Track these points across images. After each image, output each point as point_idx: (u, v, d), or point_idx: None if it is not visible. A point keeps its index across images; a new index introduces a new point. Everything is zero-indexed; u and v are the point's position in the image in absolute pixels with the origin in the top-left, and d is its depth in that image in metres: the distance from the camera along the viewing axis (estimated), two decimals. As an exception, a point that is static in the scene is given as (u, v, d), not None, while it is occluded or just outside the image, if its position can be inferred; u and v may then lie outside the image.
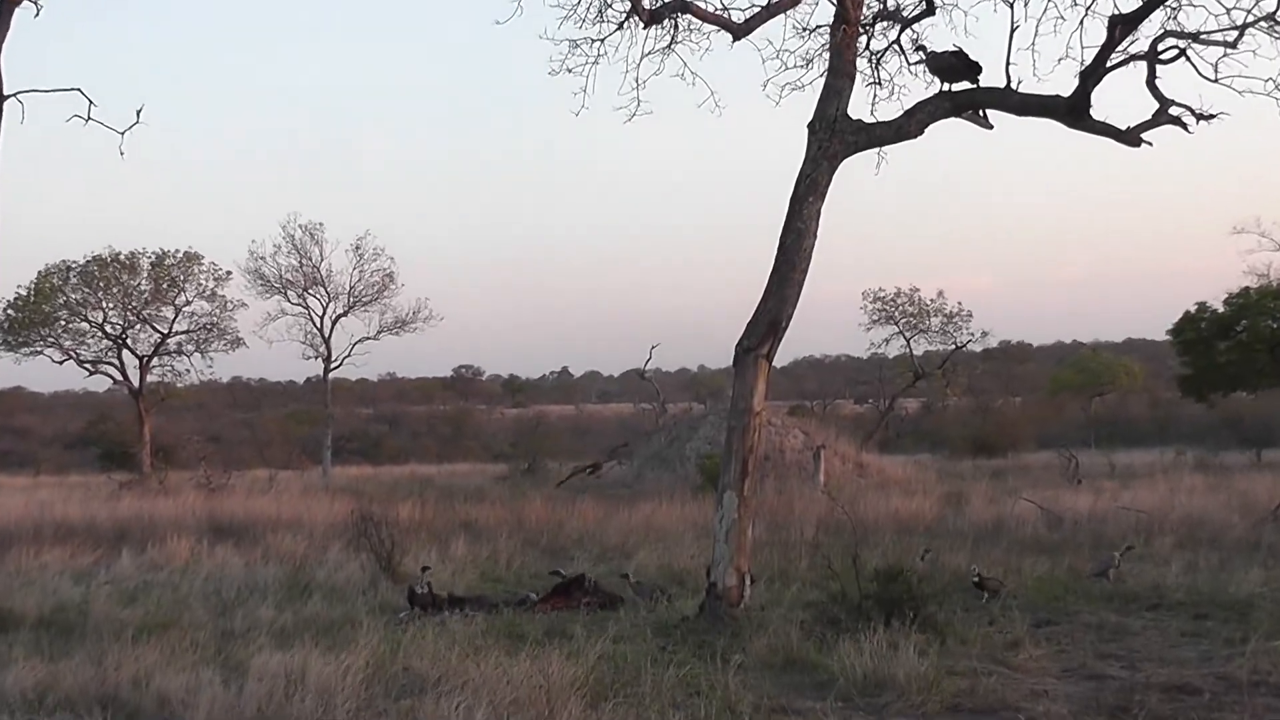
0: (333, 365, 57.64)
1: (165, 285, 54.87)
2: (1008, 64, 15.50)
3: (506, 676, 10.49)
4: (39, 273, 54.59)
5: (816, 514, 25.90)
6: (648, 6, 16.50)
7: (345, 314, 57.56)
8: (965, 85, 15.87)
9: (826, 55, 16.30)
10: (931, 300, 63.03)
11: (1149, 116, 15.41)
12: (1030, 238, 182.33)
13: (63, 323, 54.68)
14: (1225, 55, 15.23)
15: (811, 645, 12.93)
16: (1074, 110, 15.29)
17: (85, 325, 54.90)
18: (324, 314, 57.39)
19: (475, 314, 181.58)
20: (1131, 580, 17.35)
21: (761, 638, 13.20)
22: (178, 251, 55.12)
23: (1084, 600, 16.11)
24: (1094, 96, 15.21)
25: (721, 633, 13.90)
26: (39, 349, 54.70)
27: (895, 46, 17.47)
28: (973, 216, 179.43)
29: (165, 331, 55.19)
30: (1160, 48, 15.41)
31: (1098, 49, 15.05)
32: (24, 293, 54.18)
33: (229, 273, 56.12)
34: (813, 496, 29.90)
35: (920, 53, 16.88)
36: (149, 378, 55.50)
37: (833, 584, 15.30)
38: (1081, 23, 15.93)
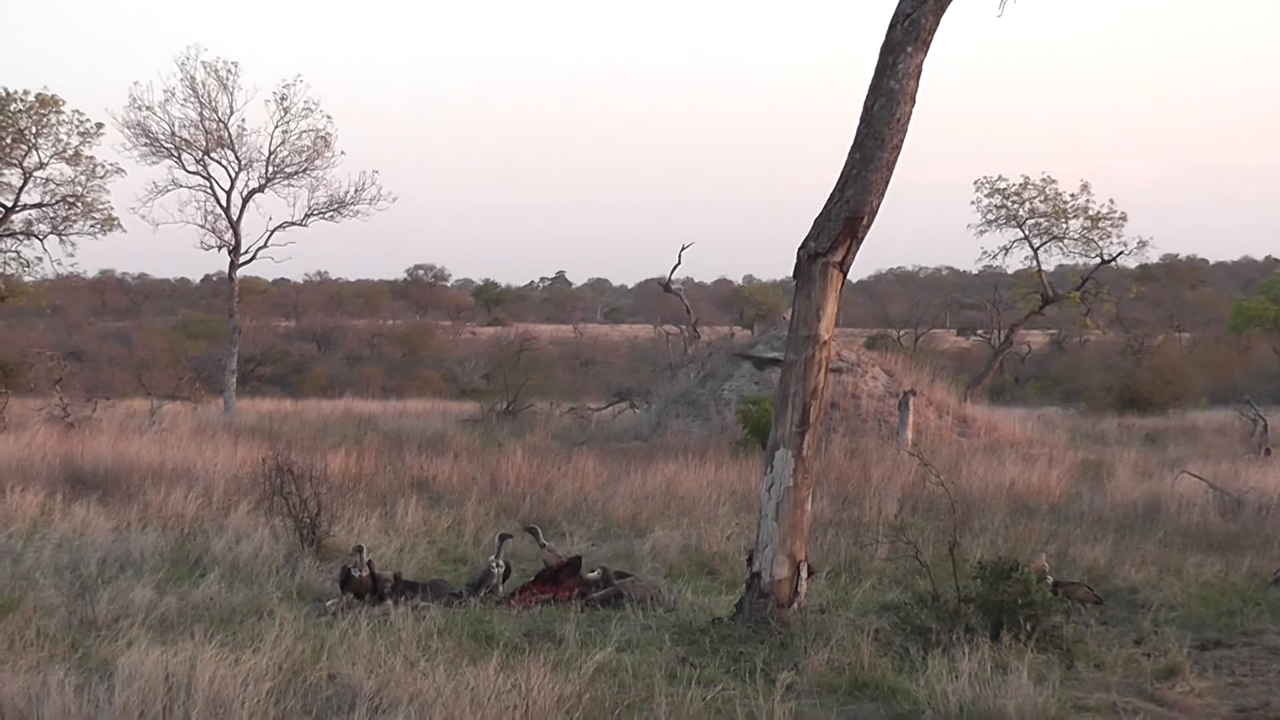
0: (242, 259, 57.67)
1: (9, 140, 54.74)
2: None
3: (469, 692, 10.52)
4: None
5: (901, 484, 25.89)
6: None
7: (262, 189, 57.59)
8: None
9: None
10: (1071, 196, 62.71)
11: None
12: (1211, 111, 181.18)
13: None
14: None
15: (889, 663, 12.96)
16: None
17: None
18: (232, 187, 57.42)
19: (440, 197, 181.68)
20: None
21: (821, 650, 13.22)
22: (27, 94, 54.99)
23: (1269, 616, 16.10)
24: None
25: (766, 642, 13.94)
26: None
27: None
28: (1133, 79, 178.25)
29: (8, 205, 55.17)
30: None
31: None
32: None
33: (100, 126, 55.93)
34: (896, 460, 29.87)
35: None
36: (-16, 268, 55.67)
37: (921, 581, 15.30)
38: None
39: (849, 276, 15.56)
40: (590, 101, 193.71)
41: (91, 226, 56.04)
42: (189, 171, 57.00)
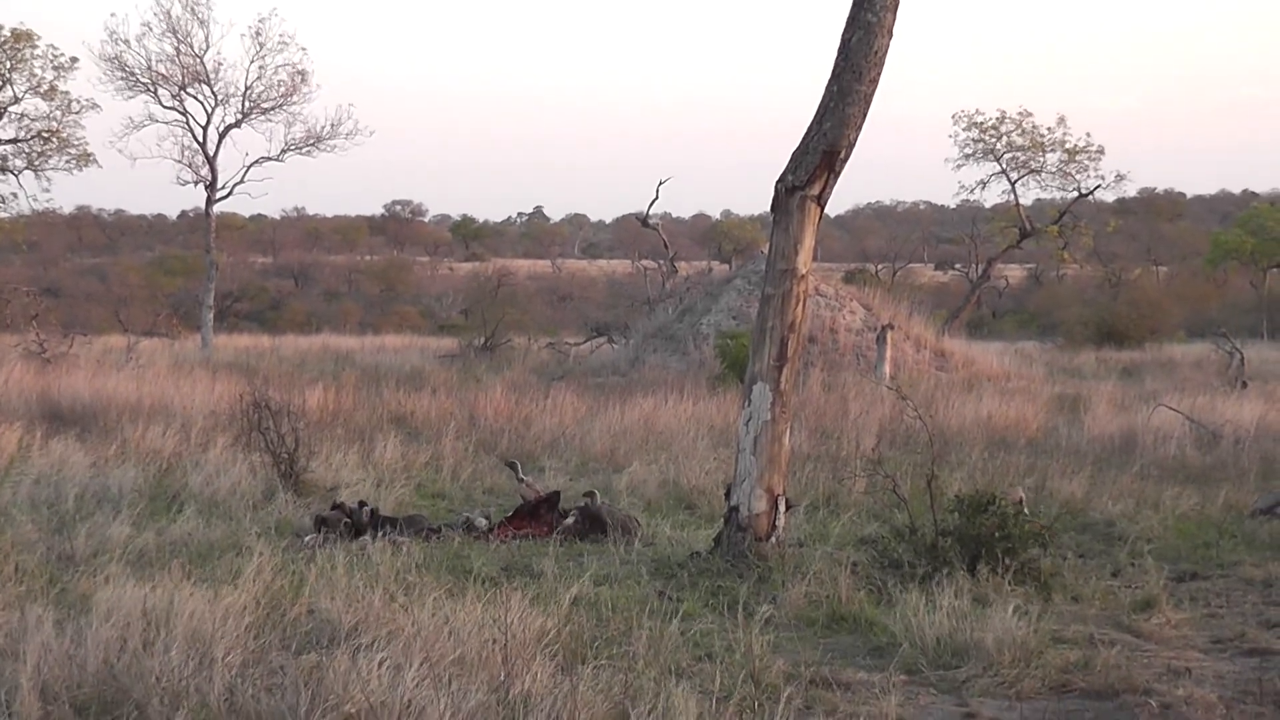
0: (219, 194, 57.47)
1: (-17, 75, 54.49)
2: None
3: (448, 626, 10.53)
4: None
5: (879, 418, 25.96)
6: None
7: (238, 124, 57.38)
8: None
9: None
10: (1049, 130, 62.83)
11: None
12: (1190, 43, 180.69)
13: None
14: None
15: (866, 596, 13.01)
16: None
17: None
18: (208, 122, 57.15)
19: (417, 132, 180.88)
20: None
21: (798, 584, 13.26)
22: (1, 28, 54.71)
23: (1245, 548, 16.18)
24: None
25: (744, 576, 13.97)
26: None
27: None
28: (1116, 5, 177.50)
29: (-17, 140, 54.93)
30: None
31: None
32: None
33: (75, 60, 55.76)
34: (874, 394, 29.95)
35: None
36: (-43, 204, 55.44)
37: (898, 514, 15.35)
38: None
39: (827, 210, 15.54)
40: (568, 35, 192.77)
41: (67, 162, 55.99)
42: (165, 106, 56.82)
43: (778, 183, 15.18)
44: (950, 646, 11.30)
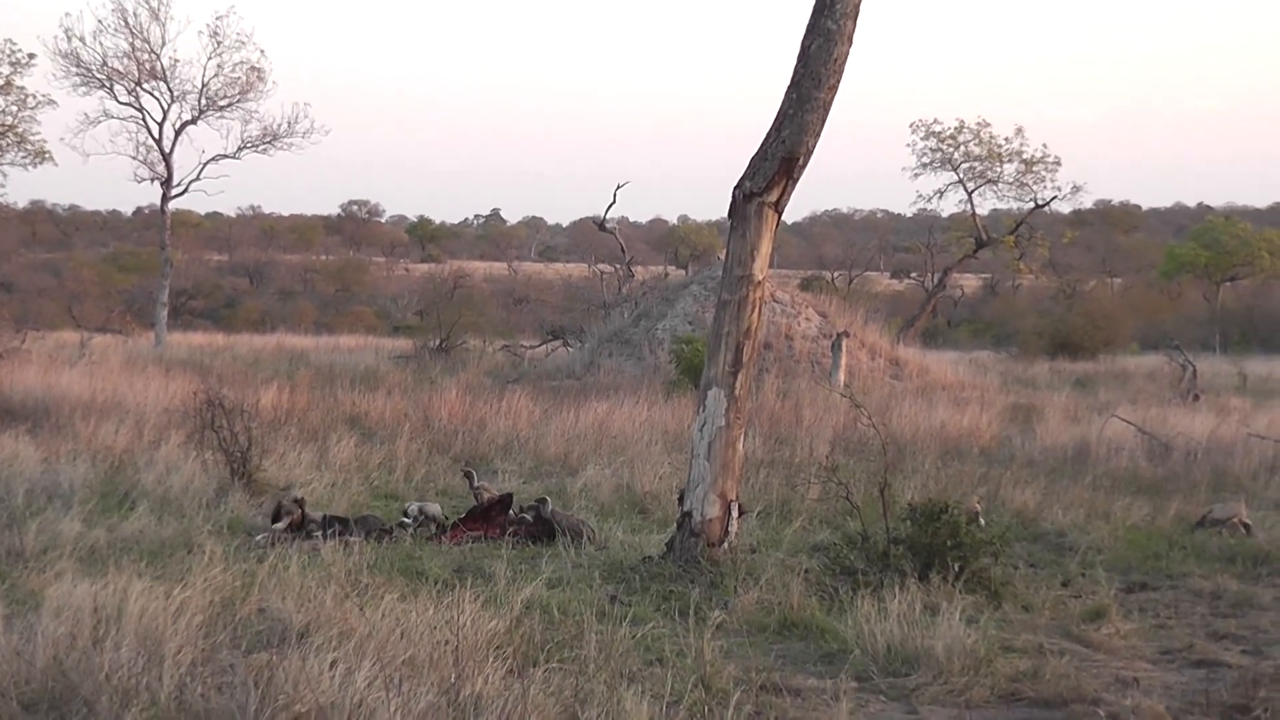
0: (174, 191, 57.28)
1: (-62, 69, 54.22)
2: None
3: (400, 627, 10.52)
4: None
5: (833, 425, 26.01)
6: None
7: (194, 121, 57.20)
8: None
9: None
10: (1006, 140, 63.12)
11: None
12: (1155, 53, 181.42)
13: None
14: None
15: (818, 603, 13.03)
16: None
17: None
18: (164, 119, 56.96)
19: (374, 133, 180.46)
20: (1263, 535, 17.54)
21: (750, 590, 13.28)
22: (-42, 22, 54.44)
23: (1195, 559, 16.26)
24: None
25: (696, 581, 13.99)
26: None
27: None
28: (1074, 20, 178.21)
29: (-62, 134, 54.63)
30: None
31: None
32: None
33: (32, 56, 55.58)
34: (829, 401, 29.98)
35: None
36: (-88, 197, 55.18)
37: (851, 522, 15.38)
38: None
39: (784, 217, 15.57)
40: (528, 39, 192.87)
41: (22, 157, 55.79)
42: (121, 103, 56.68)
43: (736, 189, 15.20)
44: (901, 654, 11.33)
